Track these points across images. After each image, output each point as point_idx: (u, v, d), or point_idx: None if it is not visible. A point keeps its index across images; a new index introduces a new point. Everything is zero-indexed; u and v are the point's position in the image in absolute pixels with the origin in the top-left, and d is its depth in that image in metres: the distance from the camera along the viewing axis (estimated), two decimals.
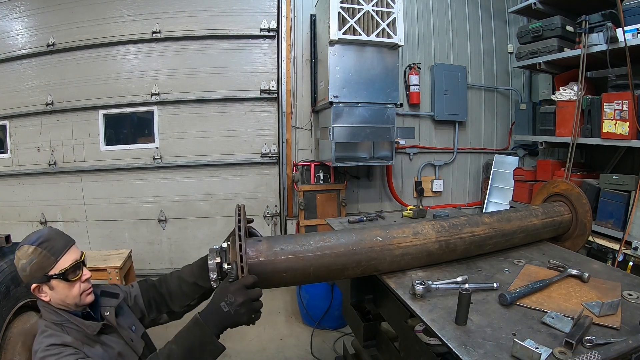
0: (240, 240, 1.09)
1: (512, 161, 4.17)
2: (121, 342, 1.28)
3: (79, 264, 1.22)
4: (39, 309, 1.25)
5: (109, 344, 1.25)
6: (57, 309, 1.21)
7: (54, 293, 1.19)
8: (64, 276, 1.18)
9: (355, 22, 3.09)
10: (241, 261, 1.07)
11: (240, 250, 1.07)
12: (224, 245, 1.18)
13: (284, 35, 3.70)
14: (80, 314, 1.25)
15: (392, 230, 1.37)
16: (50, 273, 1.16)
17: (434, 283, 1.23)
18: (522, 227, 1.60)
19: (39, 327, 1.22)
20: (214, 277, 1.18)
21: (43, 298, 1.20)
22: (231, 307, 1.08)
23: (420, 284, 1.20)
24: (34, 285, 1.18)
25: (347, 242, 1.28)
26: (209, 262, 1.17)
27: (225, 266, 1.14)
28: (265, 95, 3.81)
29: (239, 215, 1.17)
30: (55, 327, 1.20)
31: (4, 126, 3.79)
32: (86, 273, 1.24)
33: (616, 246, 2.68)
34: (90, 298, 1.26)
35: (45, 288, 1.18)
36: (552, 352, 0.93)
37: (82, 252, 1.25)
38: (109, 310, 1.29)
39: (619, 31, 2.66)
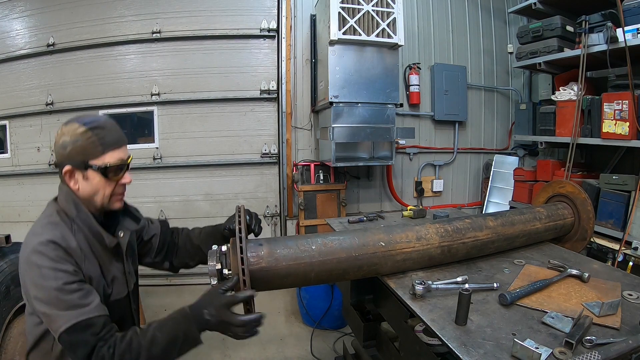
0: (242, 252, 1.05)
1: (512, 161, 4.17)
2: (120, 269, 1.20)
3: (124, 165, 1.13)
4: (58, 192, 1.14)
5: (109, 265, 1.16)
6: (80, 201, 1.11)
7: (86, 184, 1.10)
8: (105, 171, 1.09)
9: (355, 22, 3.09)
10: (243, 274, 1.03)
11: (243, 264, 1.03)
12: (224, 248, 1.13)
13: (284, 35, 3.70)
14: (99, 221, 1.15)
15: (396, 235, 1.34)
16: (92, 162, 1.07)
17: (434, 283, 1.23)
18: (524, 231, 1.59)
19: (47, 208, 1.13)
20: (214, 282, 1.12)
21: (71, 185, 1.10)
22: (212, 318, 1.03)
23: (420, 284, 1.20)
24: (67, 168, 1.08)
25: (350, 246, 1.26)
26: (209, 265, 1.11)
27: (226, 272, 1.10)
28: (265, 95, 3.81)
29: (239, 217, 1.13)
30: (67, 220, 1.09)
31: (4, 126, 3.79)
32: (127, 177, 1.15)
33: (616, 246, 2.68)
34: (119, 205, 1.18)
35: (78, 175, 1.09)
36: (552, 352, 0.93)
37: (130, 155, 1.16)
38: (124, 232, 1.20)
39: (619, 31, 2.65)
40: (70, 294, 1.00)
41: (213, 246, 1.16)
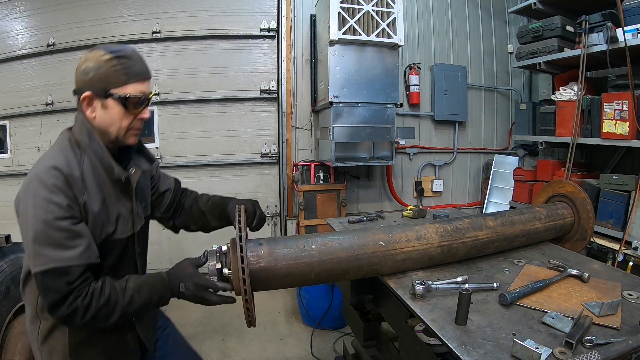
0: (241, 251, 1.05)
1: (512, 161, 4.17)
2: (127, 207, 1.17)
3: (145, 99, 1.10)
4: (74, 121, 1.11)
5: (115, 202, 1.14)
6: (94, 131, 1.09)
7: (104, 114, 1.07)
8: (125, 102, 1.06)
9: (355, 22, 3.09)
10: (243, 273, 1.03)
11: (242, 263, 1.04)
12: (224, 247, 1.13)
13: (284, 35, 3.70)
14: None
15: (396, 234, 1.35)
16: (113, 91, 1.05)
17: (434, 283, 1.23)
18: (524, 230, 1.59)
19: (59, 136, 1.12)
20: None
21: (88, 113, 1.08)
22: (187, 292, 1.08)
23: (420, 284, 1.20)
24: (86, 94, 1.06)
25: (350, 246, 1.26)
26: (209, 264, 1.11)
27: (226, 271, 1.10)
28: (265, 95, 3.81)
29: (239, 217, 1.13)
30: (77, 149, 1.08)
31: (4, 126, 3.79)
32: (146, 113, 1.13)
33: (616, 246, 2.68)
34: (133, 140, 1.15)
35: (97, 103, 1.07)
36: (552, 352, 0.93)
37: (152, 92, 1.14)
38: (136, 169, 1.18)
39: (619, 31, 2.66)
40: (57, 231, 0.98)
41: (213, 246, 1.16)
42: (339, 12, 3.05)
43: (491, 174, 4.23)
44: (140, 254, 1.27)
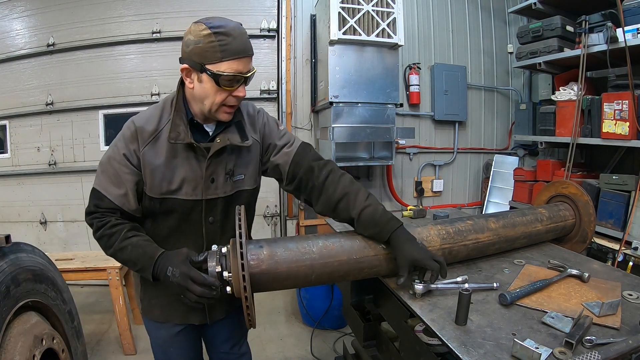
0: (242, 258, 1.03)
1: (512, 161, 4.17)
2: (197, 173, 1.20)
3: (240, 78, 1.11)
4: (178, 83, 1.22)
5: (184, 163, 1.19)
6: (189, 98, 1.19)
7: (199, 87, 1.12)
8: (217, 79, 1.08)
9: (355, 22, 3.09)
10: (244, 280, 1.02)
11: (243, 270, 1.02)
12: (224, 250, 1.11)
13: (284, 35, 3.70)
14: (195, 121, 1.21)
15: None
16: (208, 67, 1.07)
17: (434, 283, 1.23)
18: (526, 232, 1.58)
19: (167, 95, 1.26)
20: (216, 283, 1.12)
21: (187, 83, 1.15)
22: (173, 278, 1.08)
23: (420, 283, 1.20)
24: (184, 66, 1.12)
25: (351, 249, 1.23)
26: (209, 266, 1.09)
27: (226, 274, 1.08)
28: (265, 96, 3.81)
29: (239, 219, 1.11)
30: (169, 108, 1.20)
31: (4, 126, 3.79)
32: (241, 90, 1.14)
33: (616, 246, 2.68)
34: (226, 117, 1.19)
35: (194, 76, 1.12)
36: (552, 352, 0.93)
37: (252, 70, 1.14)
38: (223, 140, 1.19)
39: (619, 31, 2.66)
40: (109, 167, 1.18)
41: (213, 246, 1.15)
42: (339, 12, 3.05)
43: (491, 174, 4.23)
44: (215, 225, 1.29)
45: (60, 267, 1.82)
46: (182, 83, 1.22)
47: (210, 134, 1.25)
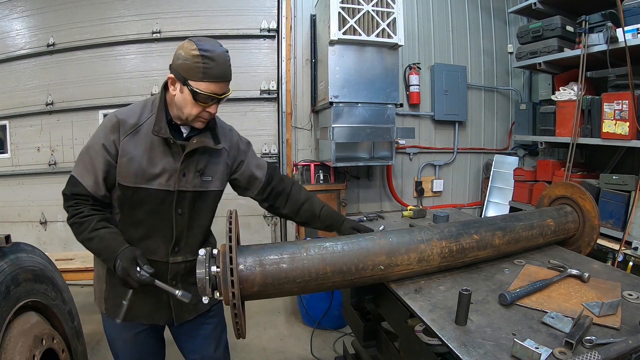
0: (232, 275, 1.03)
1: (512, 161, 4.17)
2: (173, 166, 1.32)
3: (215, 98, 1.27)
4: (161, 86, 1.36)
5: (161, 155, 1.31)
6: (167, 106, 1.32)
7: (180, 96, 1.27)
8: (195, 95, 1.23)
9: (355, 22, 3.09)
10: (235, 308, 1.03)
11: (233, 287, 1.02)
12: (213, 269, 1.08)
13: (284, 35, 3.70)
14: (173, 122, 1.34)
15: (398, 257, 1.28)
16: (190, 82, 1.23)
17: None
18: (525, 247, 1.57)
19: (152, 95, 1.40)
20: (205, 300, 1.11)
21: (170, 90, 1.30)
22: (117, 269, 1.20)
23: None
24: (171, 76, 1.28)
25: (348, 270, 1.21)
26: (197, 273, 1.09)
27: (217, 295, 1.08)
28: (265, 95, 3.81)
29: (230, 231, 1.09)
30: (151, 107, 1.34)
31: (4, 126, 3.79)
32: (213, 108, 1.29)
33: (616, 246, 2.68)
34: (199, 125, 1.33)
35: (177, 85, 1.27)
36: (552, 352, 0.93)
37: (227, 92, 1.30)
38: (197, 141, 1.33)
39: (619, 31, 2.66)
40: (87, 155, 1.29)
41: (200, 251, 1.11)
42: (339, 12, 3.05)
43: (491, 174, 4.23)
44: (183, 217, 1.38)
45: (60, 267, 1.82)
46: (165, 87, 1.36)
47: (185, 135, 1.38)
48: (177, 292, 1.19)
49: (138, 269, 1.19)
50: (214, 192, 1.45)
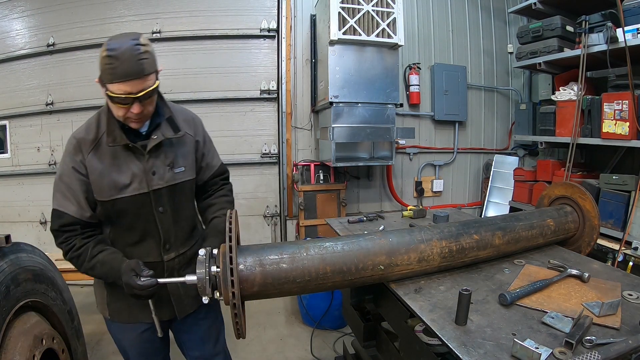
0: (232, 276, 1.03)
1: (512, 161, 4.17)
2: (139, 167, 1.30)
3: (128, 99, 1.18)
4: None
5: (127, 161, 1.29)
6: (109, 109, 1.27)
7: (108, 100, 1.23)
8: (110, 97, 1.19)
9: (355, 22, 3.09)
10: (235, 308, 1.04)
11: (233, 287, 1.02)
12: (213, 269, 1.09)
13: (284, 35, 3.70)
14: (127, 126, 1.29)
15: (398, 257, 1.28)
16: (106, 85, 1.17)
17: None
18: (525, 247, 1.57)
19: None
20: (206, 300, 1.11)
21: (103, 94, 1.23)
22: (124, 287, 1.22)
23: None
24: (97, 80, 1.21)
25: (348, 270, 1.21)
26: (197, 273, 1.09)
27: (217, 295, 1.09)
28: (265, 95, 3.81)
29: (230, 231, 1.08)
30: (103, 116, 1.30)
31: (4, 126, 3.79)
32: (134, 108, 1.20)
33: (616, 246, 2.68)
34: (135, 125, 1.28)
35: (103, 90, 1.21)
36: (552, 352, 0.93)
37: (146, 90, 1.18)
38: (159, 136, 1.32)
39: (619, 31, 2.66)
40: (61, 184, 1.28)
41: (200, 251, 1.12)
42: (339, 12, 3.05)
43: (491, 174, 4.23)
44: (166, 214, 1.37)
45: (60, 267, 1.81)
46: None
47: (144, 133, 1.34)
48: (185, 278, 1.15)
49: (139, 277, 1.20)
50: (189, 181, 1.44)
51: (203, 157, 1.50)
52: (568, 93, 3.19)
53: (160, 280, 1.22)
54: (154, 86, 1.22)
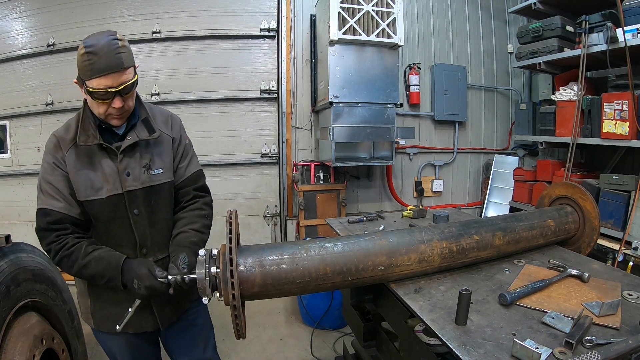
0: (233, 288, 1.02)
1: (512, 161, 4.17)
2: (112, 167, 1.29)
3: (110, 93, 1.19)
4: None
5: (101, 161, 1.28)
6: (89, 108, 1.28)
7: (86, 98, 1.24)
8: (91, 94, 1.19)
9: (355, 22, 3.09)
10: (235, 310, 1.03)
11: (233, 288, 1.02)
12: (213, 270, 1.07)
13: (284, 35, 3.70)
14: (104, 125, 1.29)
15: (398, 257, 1.27)
16: (86, 82, 1.19)
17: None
18: (525, 247, 1.57)
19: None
20: (205, 300, 1.10)
21: (83, 94, 1.25)
22: (138, 289, 1.17)
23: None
24: (75, 80, 1.24)
25: (348, 270, 1.21)
26: (197, 274, 1.07)
27: (217, 295, 1.08)
28: (265, 95, 3.81)
29: (230, 231, 1.07)
30: (76, 122, 1.30)
31: (4, 126, 3.79)
32: (116, 102, 1.21)
33: (616, 246, 2.68)
34: (116, 122, 1.29)
35: (82, 89, 1.22)
36: (552, 352, 0.93)
37: (126, 84, 1.20)
38: (132, 136, 1.31)
39: (619, 31, 2.66)
40: (45, 184, 1.26)
41: (200, 252, 1.11)
42: (339, 12, 3.05)
43: (491, 174, 4.23)
44: (142, 217, 1.34)
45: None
46: None
47: (120, 134, 1.34)
48: (189, 276, 1.14)
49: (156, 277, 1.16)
50: (167, 183, 1.41)
51: (175, 158, 1.46)
52: (568, 93, 3.19)
53: (170, 277, 1.16)
54: (133, 80, 1.24)
